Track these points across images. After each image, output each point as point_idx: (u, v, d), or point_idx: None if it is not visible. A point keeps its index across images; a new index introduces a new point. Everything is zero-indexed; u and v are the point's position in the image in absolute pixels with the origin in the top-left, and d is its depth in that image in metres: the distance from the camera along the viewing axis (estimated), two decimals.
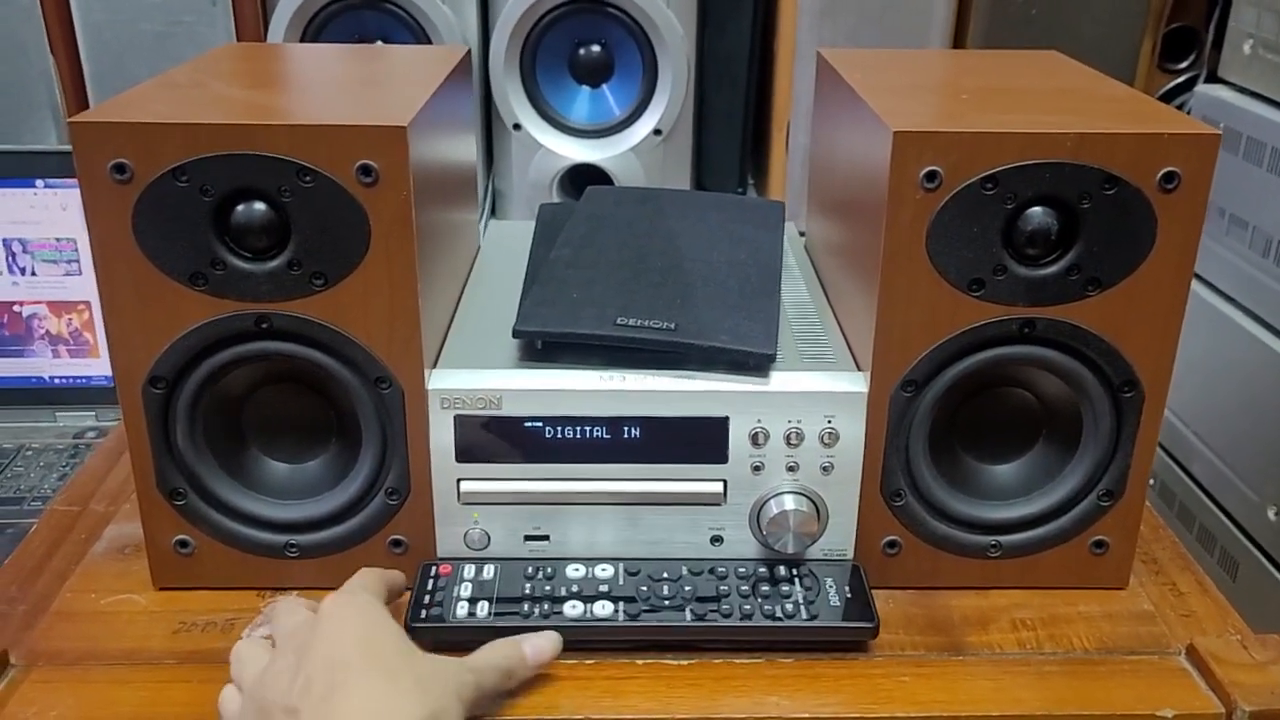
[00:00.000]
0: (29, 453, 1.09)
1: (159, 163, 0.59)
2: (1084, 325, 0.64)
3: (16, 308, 1.13)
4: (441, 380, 0.66)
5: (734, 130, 1.31)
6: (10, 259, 1.12)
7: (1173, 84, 1.30)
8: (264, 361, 0.65)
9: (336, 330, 0.63)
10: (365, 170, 0.60)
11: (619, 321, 0.68)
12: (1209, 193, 0.62)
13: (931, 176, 0.61)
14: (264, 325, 0.63)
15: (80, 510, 0.77)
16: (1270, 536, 1.07)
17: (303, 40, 1.22)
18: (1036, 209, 0.62)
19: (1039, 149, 0.60)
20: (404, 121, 0.59)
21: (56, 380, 1.14)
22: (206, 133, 0.59)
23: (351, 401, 0.66)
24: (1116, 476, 0.68)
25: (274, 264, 0.62)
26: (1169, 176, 0.61)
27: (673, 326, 0.68)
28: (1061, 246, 0.63)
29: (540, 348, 0.69)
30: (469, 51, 0.84)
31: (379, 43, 1.23)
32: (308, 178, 0.60)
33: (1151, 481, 1.29)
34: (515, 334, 0.68)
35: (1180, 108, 1.28)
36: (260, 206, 0.61)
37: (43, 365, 1.14)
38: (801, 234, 0.94)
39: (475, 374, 0.67)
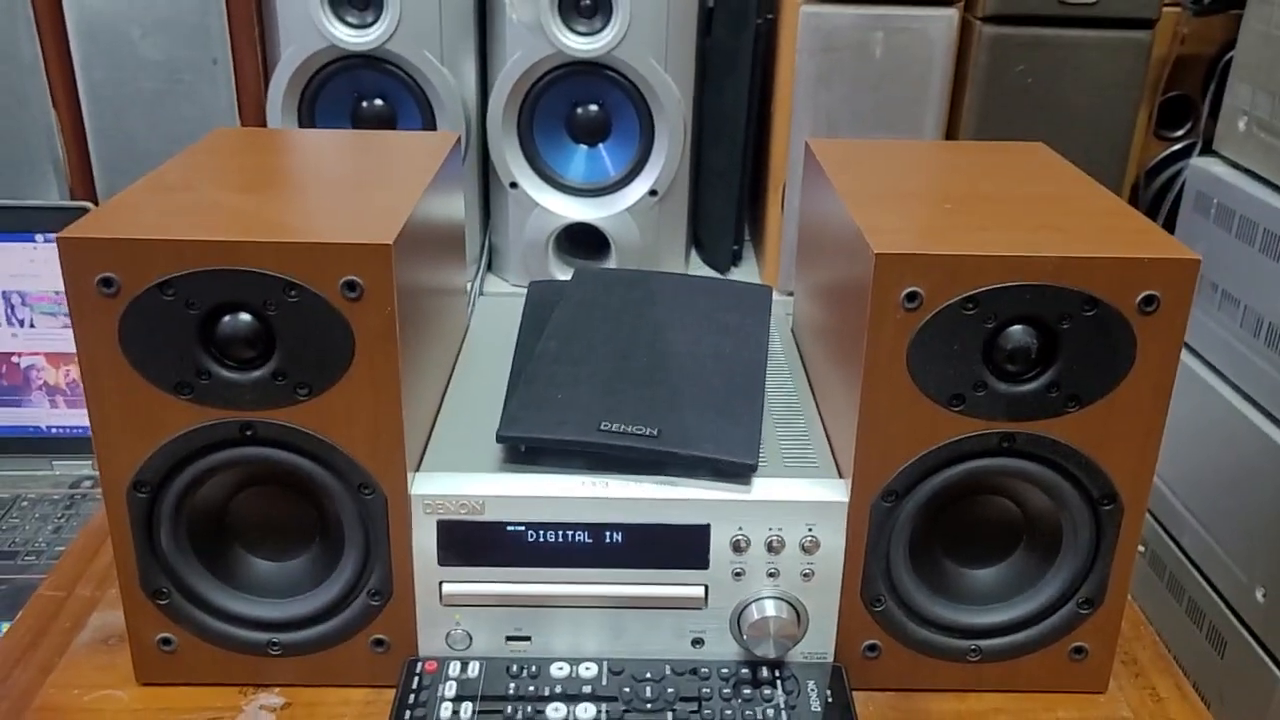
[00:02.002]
0: (25, 503, 1.10)
1: (145, 277, 0.60)
2: (1063, 440, 0.65)
3: (15, 359, 1.14)
4: (424, 485, 0.66)
5: (731, 190, 1.31)
6: (9, 311, 1.13)
7: (1168, 151, 1.31)
8: (248, 466, 0.65)
9: (320, 438, 0.64)
10: (350, 286, 0.60)
11: (602, 427, 0.68)
12: (1189, 314, 0.62)
13: (912, 297, 0.61)
14: (248, 432, 0.64)
15: (66, 596, 0.78)
16: (1258, 618, 1.07)
17: (302, 98, 1.23)
18: (1016, 328, 0.62)
19: (1020, 272, 0.61)
20: (389, 239, 0.60)
21: (54, 430, 1.15)
22: (193, 249, 0.60)
23: (334, 505, 0.66)
24: (1096, 585, 0.68)
25: (259, 374, 0.62)
26: (1149, 300, 0.61)
27: (655, 433, 0.68)
28: (1041, 364, 0.63)
29: (524, 450, 0.69)
30: (460, 138, 0.84)
31: (379, 101, 1.24)
32: (293, 292, 0.60)
33: (1142, 549, 1.29)
34: (499, 439, 0.68)
35: (1175, 177, 1.28)
36: (246, 319, 0.61)
37: (40, 415, 1.15)
38: (788, 294, 0.94)
39: (458, 478, 0.67)
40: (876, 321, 0.62)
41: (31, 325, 1.13)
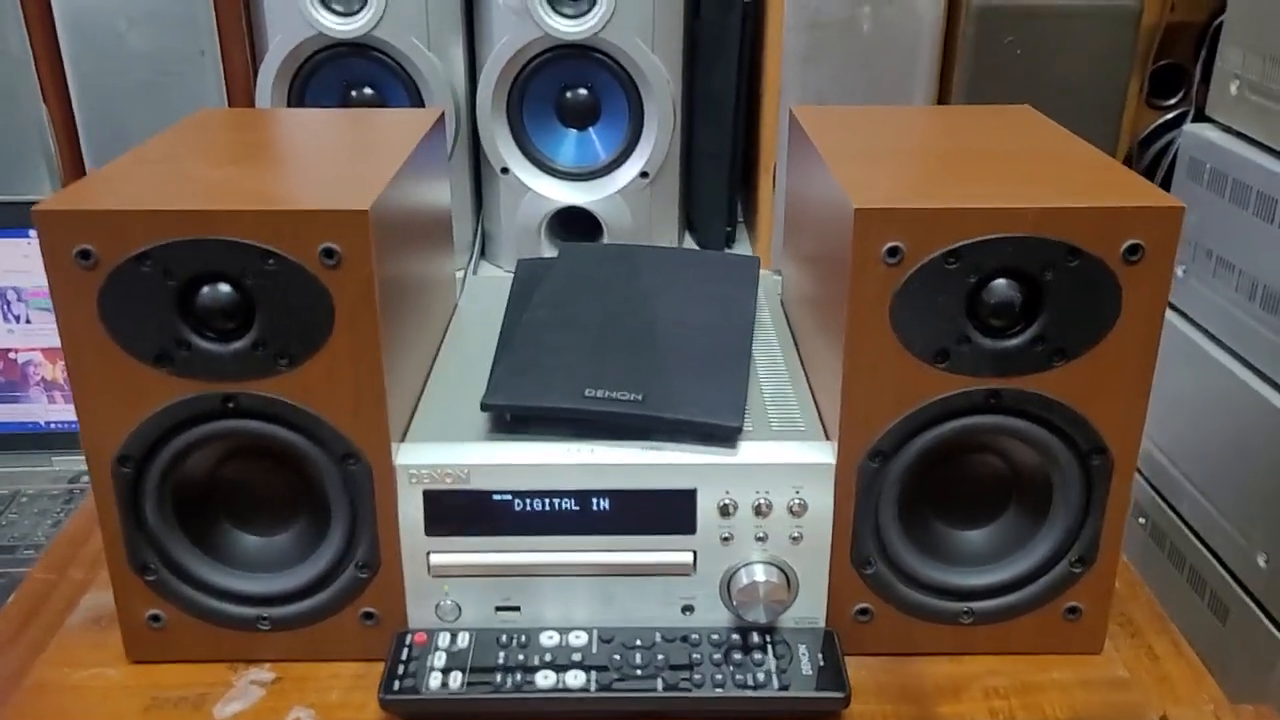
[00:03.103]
0: (24, 499, 1.10)
1: (123, 248, 0.60)
2: (1051, 395, 0.64)
3: (12, 354, 1.14)
4: (409, 455, 0.66)
5: (721, 170, 1.30)
6: (6, 307, 1.13)
7: (1161, 120, 1.30)
8: (232, 438, 0.65)
9: (303, 409, 0.63)
10: (328, 253, 0.60)
11: (587, 394, 0.68)
12: (1173, 263, 0.62)
13: (893, 252, 0.61)
14: (230, 404, 0.63)
15: (58, 579, 0.78)
16: (1259, 583, 1.06)
17: (291, 87, 1.22)
18: (1000, 282, 0.62)
19: (1001, 223, 0.60)
20: (365, 205, 0.60)
21: (52, 425, 1.15)
22: (169, 219, 0.59)
23: (319, 476, 0.66)
24: (1088, 543, 0.68)
25: (239, 345, 0.62)
26: (1133, 249, 0.61)
27: (640, 398, 0.68)
28: (1026, 318, 0.63)
29: (509, 419, 0.69)
30: (443, 113, 0.84)
31: (368, 90, 1.24)
32: (271, 261, 0.60)
33: (1142, 520, 1.28)
34: (484, 407, 0.68)
35: (1168, 145, 1.28)
36: (225, 289, 0.61)
37: (38, 410, 1.15)
38: (778, 273, 0.94)
39: (443, 448, 0.67)
40: (858, 278, 0.62)
41: (28, 321, 1.14)
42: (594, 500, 0.67)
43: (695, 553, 0.68)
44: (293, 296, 0.61)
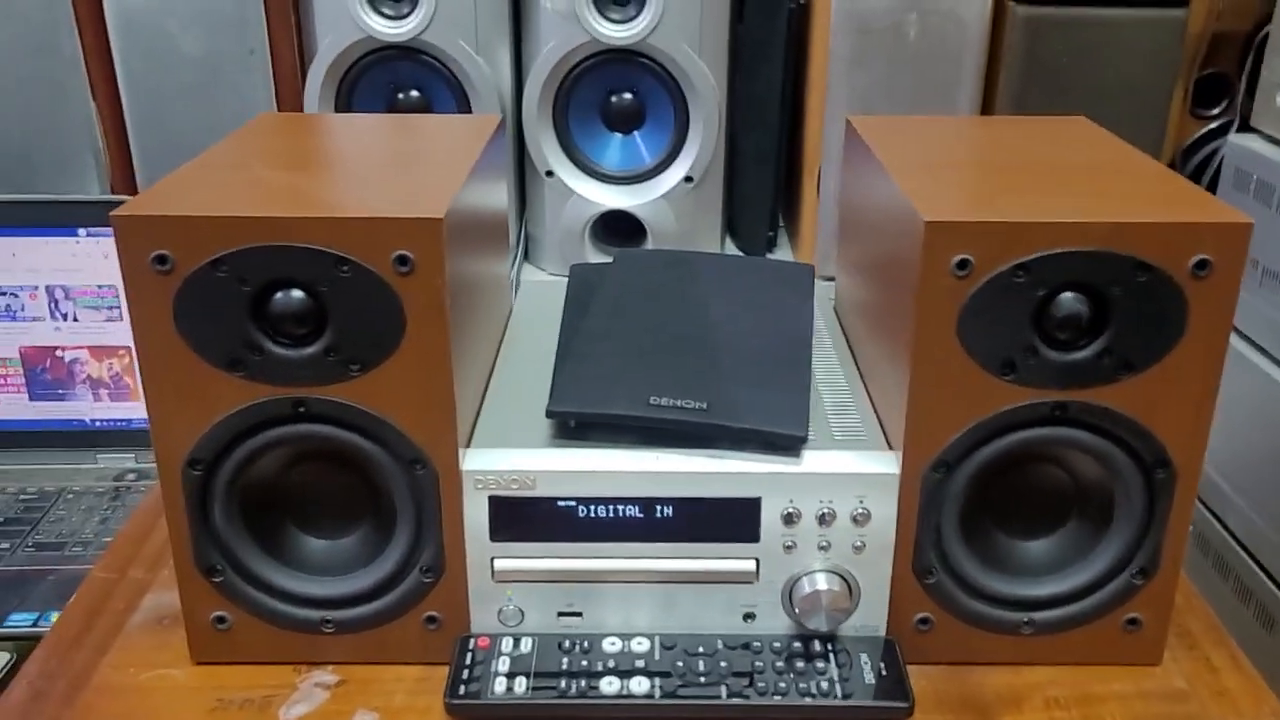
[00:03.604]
0: (70, 495, 1.11)
1: (199, 254, 0.60)
2: (1116, 408, 0.64)
3: (59, 353, 1.15)
4: (475, 461, 0.67)
5: (766, 175, 1.31)
6: (53, 305, 1.14)
7: (1204, 130, 1.30)
8: (301, 443, 0.66)
9: (373, 414, 0.64)
10: (401, 260, 0.61)
11: (652, 401, 0.68)
12: (1241, 278, 0.62)
13: (963, 264, 0.61)
14: (301, 409, 0.64)
15: (119, 578, 0.79)
16: None
17: (339, 89, 1.23)
18: (1068, 295, 0.62)
19: (1071, 238, 0.61)
20: (440, 213, 0.60)
21: (97, 423, 1.16)
22: (246, 226, 0.60)
23: (386, 481, 0.66)
24: (1150, 554, 0.68)
25: (311, 350, 0.63)
26: (1201, 264, 0.61)
27: (704, 406, 0.68)
28: (1093, 331, 0.63)
29: (574, 425, 0.70)
30: (502, 120, 0.85)
31: (414, 93, 1.24)
32: (345, 268, 0.61)
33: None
34: (549, 414, 0.69)
35: (1212, 155, 1.27)
36: (298, 295, 0.62)
37: (84, 408, 1.16)
38: (829, 279, 0.94)
39: (509, 454, 0.67)
40: (926, 290, 0.62)
41: (75, 319, 1.15)
42: (658, 508, 0.67)
43: (758, 560, 0.68)
44: (365, 303, 0.62)
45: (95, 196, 1.26)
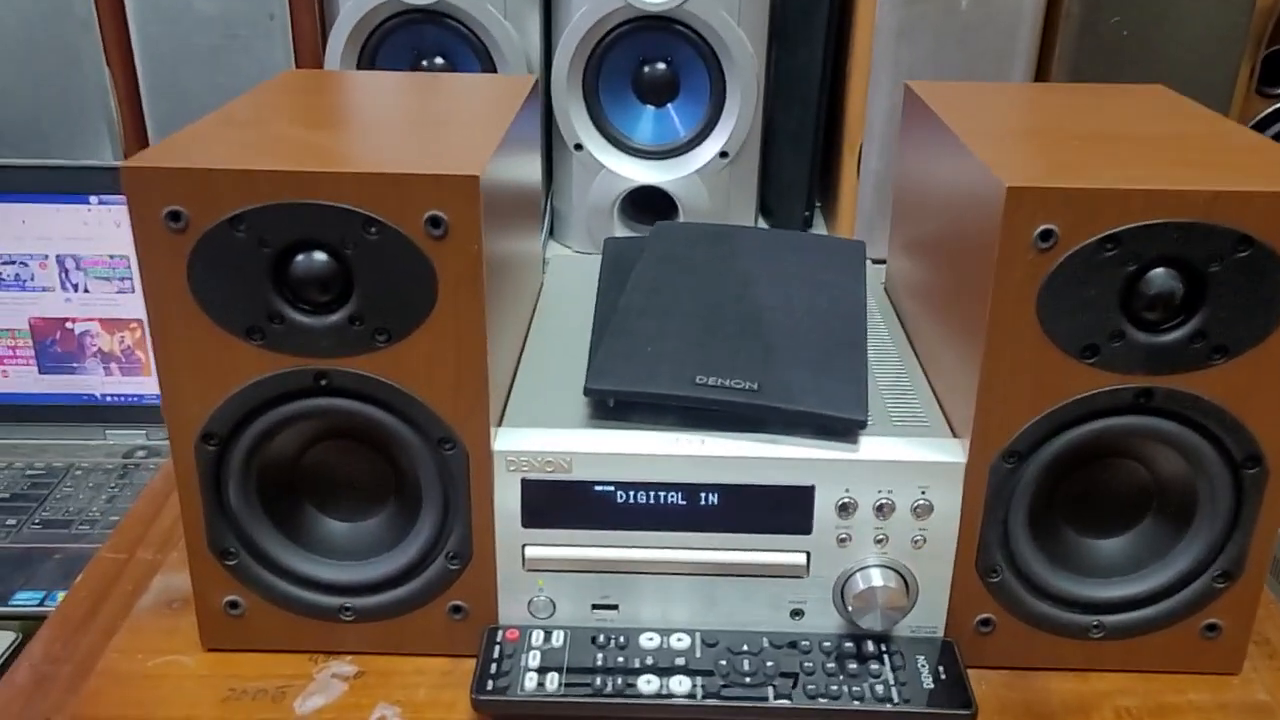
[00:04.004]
0: (78, 472, 1.07)
1: (216, 211, 0.56)
2: (1206, 396, 0.59)
3: (69, 324, 1.11)
4: (508, 441, 0.62)
5: (803, 152, 1.25)
6: (64, 275, 1.10)
7: (1271, 109, 1.24)
8: (322, 418, 0.61)
9: (399, 389, 0.59)
10: (435, 222, 0.56)
11: (698, 380, 0.63)
12: None
13: (1046, 235, 0.56)
14: (323, 382, 0.60)
15: (128, 558, 0.74)
16: None
17: (361, 54, 1.18)
18: (1159, 271, 0.57)
19: (1167, 208, 0.55)
20: (477, 170, 0.55)
21: (108, 398, 1.12)
22: (267, 180, 0.55)
23: (412, 461, 0.62)
24: (1234, 556, 0.63)
25: (335, 318, 0.58)
26: None
27: (755, 387, 0.63)
28: (1185, 311, 0.58)
29: (613, 405, 0.65)
30: (536, 82, 0.80)
31: (439, 59, 1.19)
32: (373, 229, 0.56)
33: None
34: (587, 392, 0.64)
35: (1277, 137, 1.21)
36: (322, 258, 0.57)
37: (94, 383, 1.12)
38: (877, 261, 0.89)
39: (543, 434, 0.63)
40: (1005, 263, 0.57)
41: (86, 290, 1.10)
42: (702, 495, 0.63)
43: (809, 554, 0.64)
44: (394, 268, 0.57)
45: (107, 162, 1.21)
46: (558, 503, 0.63)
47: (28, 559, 0.93)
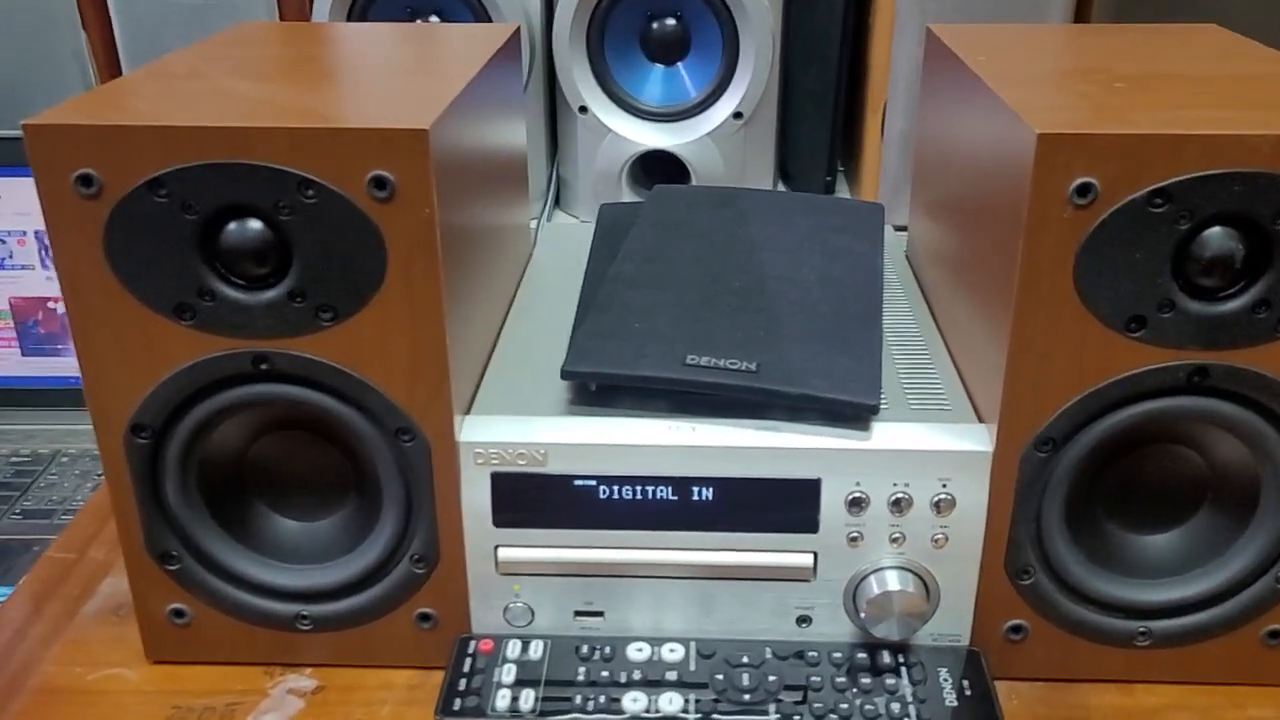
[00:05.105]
0: (64, 459, 1.03)
1: (132, 174, 0.49)
2: (1270, 374, 0.52)
3: (51, 304, 1.06)
4: (475, 431, 0.56)
5: (823, 113, 1.18)
6: (44, 252, 1.04)
7: None
8: (266, 407, 0.55)
9: (348, 373, 0.53)
10: (379, 183, 0.49)
11: (689, 361, 0.57)
12: None
13: (1084, 190, 0.49)
14: (263, 366, 0.53)
15: (77, 559, 0.69)
16: None
17: (349, 14, 1.12)
18: (1217, 230, 0.50)
19: (1225, 156, 0.48)
20: (425, 124, 0.48)
21: None
22: (187, 138, 0.49)
23: (369, 453, 0.56)
24: None
25: (273, 294, 0.52)
26: None
27: (754, 368, 0.56)
28: (1245, 277, 0.51)
29: (595, 390, 0.58)
30: (518, 29, 0.73)
31: (434, 18, 1.13)
32: (310, 191, 0.49)
33: None
34: (564, 375, 0.57)
35: None
36: (255, 226, 0.51)
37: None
38: (898, 229, 0.82)
39: (516, 422, 0.56)
40: (1036, 223, 0.49)
41: None
42: (695, 489, 0.56)
43: (816, 555, 0.58)
44: (336, 236, 0.50)
45: None
46: (532, 499, 0.57)
47: (3, 552, 0.88)
